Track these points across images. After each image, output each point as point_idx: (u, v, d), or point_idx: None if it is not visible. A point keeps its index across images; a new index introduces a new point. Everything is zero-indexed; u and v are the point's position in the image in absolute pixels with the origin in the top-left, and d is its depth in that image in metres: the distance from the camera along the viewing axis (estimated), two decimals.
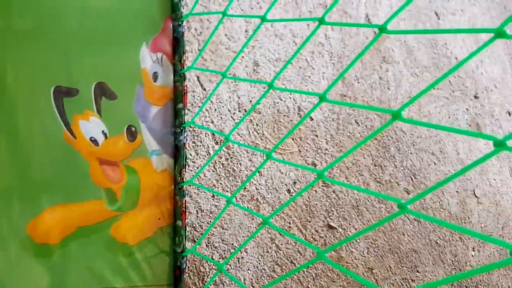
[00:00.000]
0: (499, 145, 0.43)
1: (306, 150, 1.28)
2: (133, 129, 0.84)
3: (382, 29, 0.53)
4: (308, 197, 1.25)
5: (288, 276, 0.95)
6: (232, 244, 1.07)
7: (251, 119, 1.20)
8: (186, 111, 0.94)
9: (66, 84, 0.76)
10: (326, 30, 1.46)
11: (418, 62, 1.67)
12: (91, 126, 0.77)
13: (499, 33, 0.44)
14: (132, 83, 0.84)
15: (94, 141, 0.77)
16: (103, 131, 0.79)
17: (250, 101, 1.20)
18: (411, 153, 1.52)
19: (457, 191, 1.62)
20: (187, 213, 0.96)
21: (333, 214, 1.27)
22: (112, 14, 0.81)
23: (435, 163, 1.60)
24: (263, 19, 0.69)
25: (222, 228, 1.07)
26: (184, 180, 0.91)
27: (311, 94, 0.60)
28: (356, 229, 1.29)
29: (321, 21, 0.59)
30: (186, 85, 0.95)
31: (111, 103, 0.82)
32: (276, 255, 1.14)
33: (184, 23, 0.93)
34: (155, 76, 0.88)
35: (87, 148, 0.76)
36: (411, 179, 1.48)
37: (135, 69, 0.85)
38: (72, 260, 0.73)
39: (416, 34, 1.37)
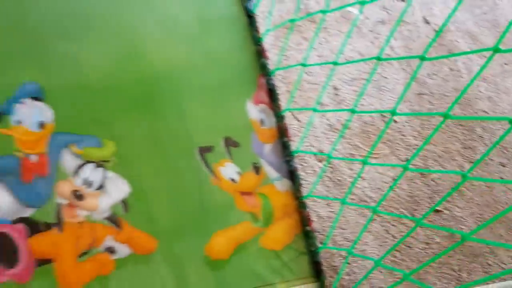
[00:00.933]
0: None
1: (397, 149, 1.46)
2: (257, 165, 1.10)
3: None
4: (410, 189, 1.42)
5: (397, 245, 1.11)
6: (353, 240, 1.28)
7: (343, 135, 1.42)
8: (291, 142, 1.20)
9: (204, 144, 1.05)
10: (390, 42, 1.65)
11: (485, 44, 1.77)
12: (228, 170, 1.05)
13: (496, 50, 0.62)
14: (247, 131, 1.11)
15: (233, 180, 1.05)
16: (237, 172, 1.07)
17: (338, 120, 1.42)
18: (497, 129, 1.61)
19: None
20: (311, 221, 1.19)
21: (436, 199, 1.42)
22: (221, 85, 1.10)
23: None
24: (335, 63, 0.93)
25: (342, 229, 1.29)
26: (302, 195, 1.15)
27: (383, 112, 0.81)
28: (460, 208, 1.42)
29: (378, 58, 0.80)
30: (286, 123, 1.20)
31: (237, 150, 1.09)
32: (393, 243, 1.32)
33: (273, 75, 1.20)
34: (262, 122, 1.14)
35: (229, 186, 1.04)
36: (503, 152, 1.58)
37: (246, 120, 1.12)
38: (240, 268, 1.00)
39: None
